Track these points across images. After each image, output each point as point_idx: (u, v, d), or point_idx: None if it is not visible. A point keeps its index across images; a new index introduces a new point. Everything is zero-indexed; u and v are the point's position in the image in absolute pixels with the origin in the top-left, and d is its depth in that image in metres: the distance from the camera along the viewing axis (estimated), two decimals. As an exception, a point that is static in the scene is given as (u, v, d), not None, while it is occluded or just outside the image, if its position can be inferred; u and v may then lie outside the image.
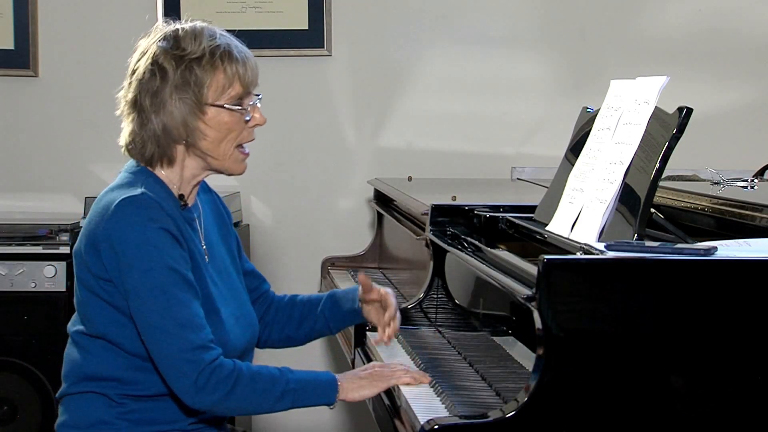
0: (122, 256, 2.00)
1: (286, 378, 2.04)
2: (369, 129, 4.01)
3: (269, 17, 3.95)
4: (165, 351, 1.99)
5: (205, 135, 2.10)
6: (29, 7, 3.98)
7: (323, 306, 2.36)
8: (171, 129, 2.08)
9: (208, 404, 2.01)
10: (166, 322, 1.98)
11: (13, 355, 3.50)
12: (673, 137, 1.94)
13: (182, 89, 2.07)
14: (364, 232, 3.94)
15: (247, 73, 2.11)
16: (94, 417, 2.09)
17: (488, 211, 2.51)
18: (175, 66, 2.07)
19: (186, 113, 2.08)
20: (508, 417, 1.71)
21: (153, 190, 2.07)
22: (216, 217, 2.29)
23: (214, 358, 2.00)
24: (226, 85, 2.09)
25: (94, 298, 2.07)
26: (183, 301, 2.00)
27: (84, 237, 2.08)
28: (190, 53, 2.08)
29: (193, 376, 1.97)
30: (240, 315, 2.19)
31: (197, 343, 1.99)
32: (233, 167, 2.16)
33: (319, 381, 2.08)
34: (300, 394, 2.05)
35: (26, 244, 3.54)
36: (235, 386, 1.99)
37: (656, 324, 1.73)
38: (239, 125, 2.12)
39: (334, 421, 4.06)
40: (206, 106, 2.08)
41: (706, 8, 3.92)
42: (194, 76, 2.07)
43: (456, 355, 2.28)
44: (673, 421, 1.72)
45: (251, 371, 2.03)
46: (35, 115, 4.05)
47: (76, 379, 2.12)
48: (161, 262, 1.99)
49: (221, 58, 2.09)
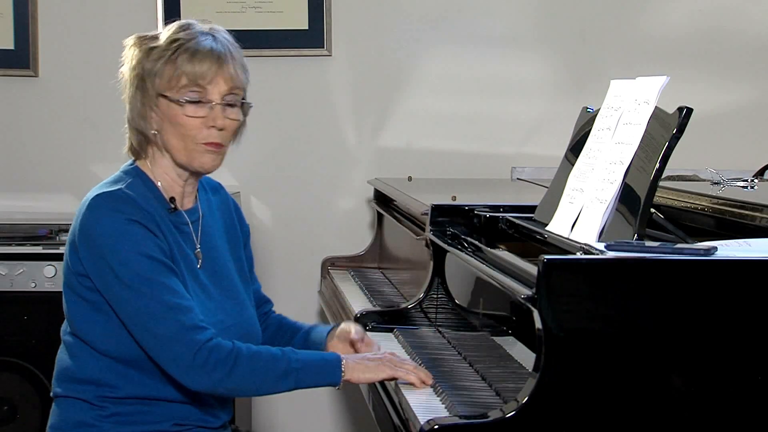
0: (97, 251, 2.00)
1: (288, 357, 2.03)
2: (369, 129, 4.01)
3: (269, 17, 3.95)
4: (157, 336, 1.98)
5: (161, 128, 2.10)
6: (29, 7, 3.97)
7: (297, 339, 2.33)
8: (135, 119, 2.11)
9: (208, 385, 1.99)
10: (154, 307, 1.98)
11: (13, 355, 3.50)
12: (673, 137, 1.94)
13: (139, 78, 2.09)
14: (364, 232, 3.94)
15: (195, 67, 2.07)
16: (76, 419, 2.10)
17: (488, 211, 2.51)
18: (138, 55, 2.10)
19: (142, 103, 2.09)
20: (508, 417, 1.71)
21: (135, 189, 2.07)
22: (226, 222, 2.28)
23: (209, 338, 1.99)
24: (174, 77, 2.07)
25: (73, 296, 2.09)
26: (167, 285, 2.00)
27: (69, 235, 2.10)
28: (150, 42, 2.10)
29: (189, 356, 1.97)
30: (233, 324, 2.16)
31: (188, 324, 1.98)
32: (199, 163, 2.12)
33: (324, 360, 2.06)
34: (303, 374, 2.02)
35: (26, 244, 3.54)
36: (235, 366, 1.98)
37: (656, 324, 1.73)
38: (190, 121, 2.08)
39: (334, 421, 4.06)
40: (158, 98, 2.08)
41: (706, 8, 3.92)
42: (149, 64, 2.08)
43: (456, 355, 2.28)
44: (673, 421, 1.72)
45: (251, 351, 2.02)
46: (35, 115, 4.04)
47: (62, 381, 2.14)
48: (137, 251, 1.99)
49: (175, 49, 2.08)
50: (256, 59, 3.96)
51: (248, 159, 3.98)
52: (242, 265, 2.27)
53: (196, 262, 2.15)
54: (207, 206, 2.24)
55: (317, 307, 3.88)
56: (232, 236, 2.27)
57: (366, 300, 3.00)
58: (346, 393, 3.95)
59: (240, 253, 2.28)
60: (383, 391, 2.12)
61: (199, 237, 2.17)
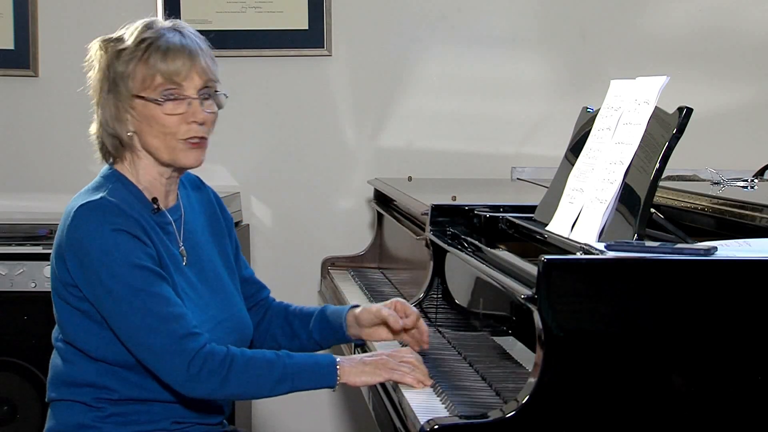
0: (87, 264, 2.00)
1: (283, 362, 2.03)
2: (369, 129, 4.01)
3: (269, 17, 3.95)
4: (152, 348, 1.98)
5: (139, 129, 2.08)
6: (29, 7, 3.98)
7: (313, 325, 2.31)
8: (109, 123, 2.09)
9: (204, 393, 2.00)
10: (148, 320, 1.97)
11: (13, 355, 3.50)
12: (673, 137, 1.94)
13: (111, 81, 2.08)
14: (364, 232, 3.94)
15: (169, 65, 2.06)
16: (75, 421, 2.10)
17: (488, 211, 2.51)
18: (107, 58, 2.08)
19: (116, 106, 2.08)
20: (508, 417, 1.71)
21: (117, 194, 2.06)
22: (209, 217, 2.27)
23: (202, 345, 1.99)
24: (148, 77, 2.06)
25: (63, 304, 2.08)
26: (158, 294, 1.99)
27: (54, 243, 2.09)
28: (117, 44, 2.08)
29: (183, 366, 1.97)
30: (224, 319, 2.16)
31: (181, 332, 1.98)
32: (183, 160, 2.11)
33: (319, 365, 2.05)
34: (298, 379, 2.02)
35: (26, 244, 3.53)
36: (230, 373, 1.98)
37: (656, 324, 1.73)
38: (170, 119, 2.08)
39: (334, 421, 4.06)
40: (133, 99, 2.07)
41: (706, 8, 3.92)
42: (121, 66, 2.07)
43: (456, 355, 2.28)
44: (674, 421, 1.72)
45: (245, 357, 2.01)
46: (35, 115, 4.04)
47: (57, 385, 2.13)
48: (126, 263, 1.99)
49: (145, 49, 2.07)
50: (256, 59, 3.99)
51: (248, 159, 3.98)
52: (228, 259, 2.26)
53: (181, 260, 2.15)
54: (188, 203, 2.23)
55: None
56: (215, 229, 2.27)
57: (366, 300, 3.00)
58: (346, 393, 3.95)
59: (226, 246, 2.27)
60: (383, 392, 2.12)
61: (182, 234, 2.17)
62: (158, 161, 2.12)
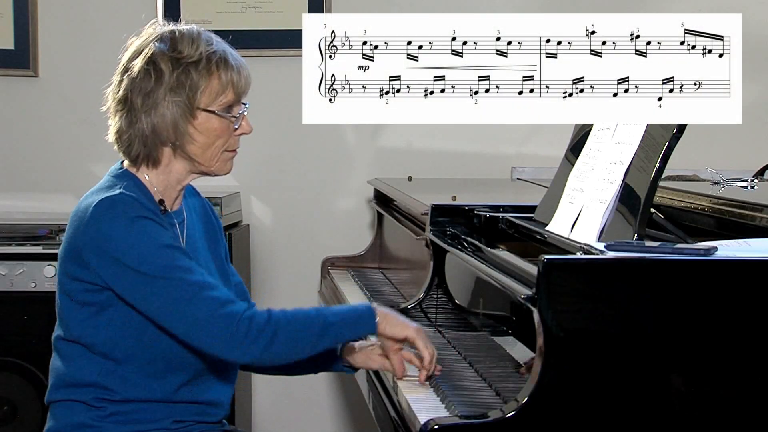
0: (115, 255, 2.00)
1: (323, 315, 2.06)
2: (369, 129, 4.00)
3: (269, 17, 3.95)
4: (195, 317, 1.98)
5: (194, 139, 2.10)
6: (29, 7, 3.98)
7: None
8: (160, 130, 2.09)
9: (252, 356, 2.00)
10: (185, 290, 1.99)
11: (13, 355, 3.50)
12: (673, 137, 1.94)
13: (176, 92, 2.08)
14: (364, 232, 3.94)
15: (241, 82, 2.13)
16: (75, 421, 2.10)
17: (488, 211, 2.51)
18: (172, 68, 2.08)
19: (177, 116, 2.08)
20: (508, 417, 1.71)
21: (132, 191, 2.08)
22: (205, 223, 2.29)
23: (245, 308, 2.00)
24: (220, 92, 2.10)
25: (69, 301, 2.08)
26: (191, 268, 2.02)
27: (65, 242, 2.09)
28: (187, 56, 2.09)
29: (230, 331, 1.97)
30: None
31: (223, 298, 2.00)
32: (220, 169, 2.17)
33: (357, 312, 2.08)
34: (341, 327, 2.05)
35: (26, 244, 3.54)
36: (277, 332, 2.00)
37: (656, 324, 1.73)
38: (227, 132, 2.13)
39: (334, 421, 4.06)
40: (198, 111, 2.09)
41: (706, 8, 3.91)
42: (190, 79, 2.08)
43: (456, 355, 2.28)
44: (674, 421, 1.72)
45: (287, 316, 2.04)
46: (35, 115, 4.04)
47: (57, 386, 2.13)
48: (155, 245, 2.01)
49: (217, 64, 2.10)
50: (256, 59, 3.98)
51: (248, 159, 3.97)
52: (222, 264, 2.29)
53: None
54: (188, 209, 2.25)
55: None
56: (211, 235, 2.29)
57: (366, 300, 3.00)
58: (345, 392, 3.95)
59: (220, 252, 2.29)
60: (383, 391, 2.12)
61: (184, 238, 2.18)
62: (194, 168, 2.14)
